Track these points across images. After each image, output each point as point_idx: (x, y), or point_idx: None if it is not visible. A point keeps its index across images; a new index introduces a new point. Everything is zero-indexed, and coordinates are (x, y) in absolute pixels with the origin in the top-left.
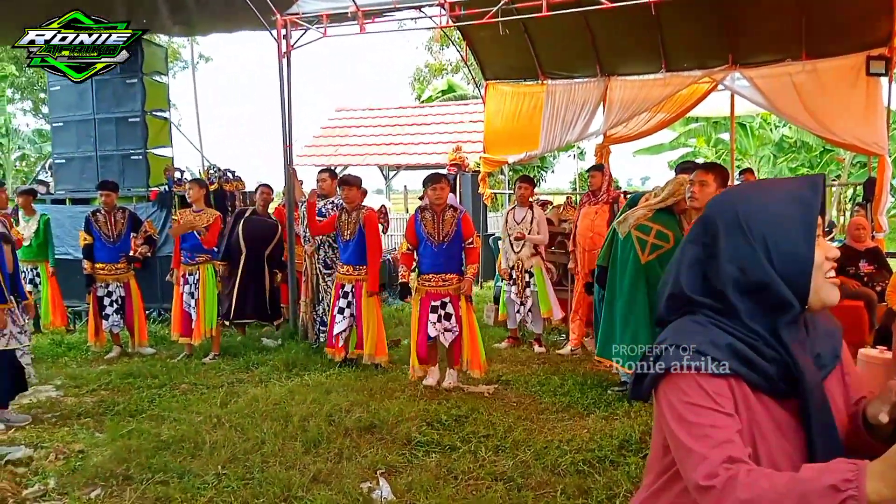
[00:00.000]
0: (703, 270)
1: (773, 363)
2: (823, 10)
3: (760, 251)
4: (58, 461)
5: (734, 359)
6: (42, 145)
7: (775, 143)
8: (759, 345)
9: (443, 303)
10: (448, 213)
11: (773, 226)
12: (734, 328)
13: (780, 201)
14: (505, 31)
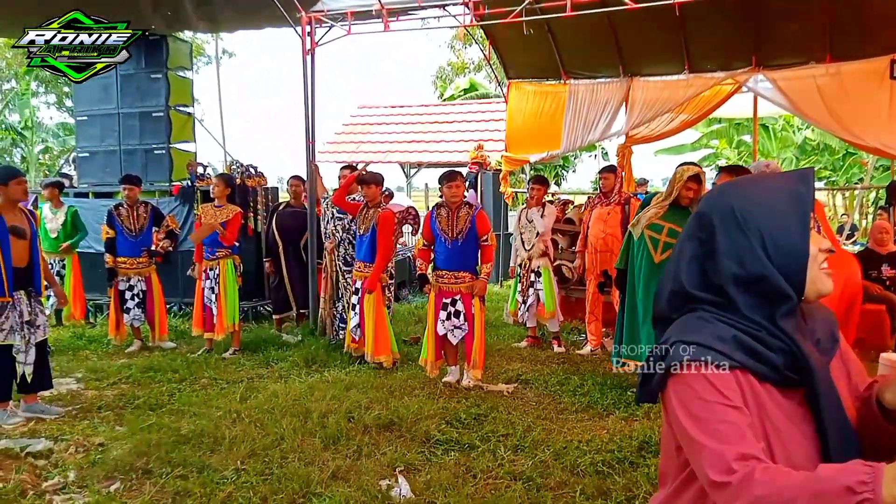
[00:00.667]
0: (701, 266)
1: (780, 353)
2: (848, 13)
3: (757, 245)
4: (78, 454)
5: (740, 351)
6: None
7: (798, 146)
8: (763, 336)
9: (453, 300)
10: (463, 210)
11: (768, 220)
12: (737, 321)
13: (774, 196)
14: (529, 30)
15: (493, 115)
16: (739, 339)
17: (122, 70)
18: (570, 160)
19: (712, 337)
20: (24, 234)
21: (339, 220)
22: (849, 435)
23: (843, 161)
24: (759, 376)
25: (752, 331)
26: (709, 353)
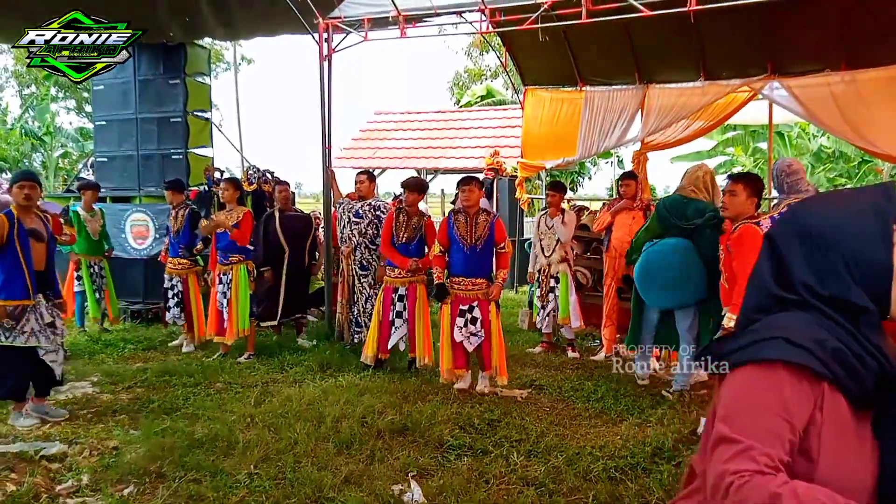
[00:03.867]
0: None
1: (870, 371)
2: (864, 21)
3: (836, 261)
4: (92, 457)
5: (837, 364)
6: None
7: (813, 153)
8: (857, 348)
9: (470, 307)
10: (481, 217)
11: (849, 235)
12: (846, 329)
13: (857, 211)
14: (545, 37)
15: (509, 121)
16: (841, 353)
17: (141, 76)
18: (586, 167)
19: (812, 341)
20: (43, 237)
21: (356, 224)
22: None
23: (858, 169)
24: (848, 395)
25: (849, 342)
26: (805, 356)
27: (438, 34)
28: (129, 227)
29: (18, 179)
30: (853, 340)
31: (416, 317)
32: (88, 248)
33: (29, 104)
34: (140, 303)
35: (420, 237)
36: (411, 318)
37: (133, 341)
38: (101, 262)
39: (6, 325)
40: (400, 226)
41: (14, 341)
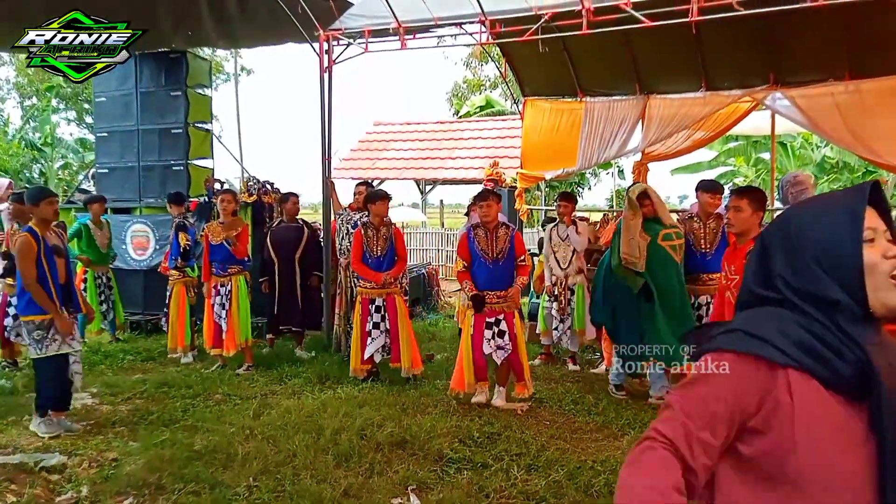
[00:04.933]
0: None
1: (848, 362)
2: (867, 31)
3: (809, 256)
4: (91, 469)
5: (800, 350)
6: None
7: (816, 164)
8: (831, 340)
9: (497, 320)
10: (501, 231)
11: (822, 232)
12: (809, 323)
13: (831, 210)
14: (545, 48)
15: (508, 132)
16: (806, 341)
17: (142, 87)
18: (586, 178)
19: (775, 331)
20: (63, 252)
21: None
22: None
23: (862, 179)
24: (823, 381)
25: (822, 333)
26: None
27: (438, 45)
28: (130, 237)
29: (46, 196)
30: (828, 332)
31: (399, 327)
32: (97, 259)
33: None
34: (139, 314)
35: (391, 247)
36: (393, 329)
37: (132, 352)
38: (108, 273)
39: (37, 336)
40: (371, 240)
41: (46, 351)
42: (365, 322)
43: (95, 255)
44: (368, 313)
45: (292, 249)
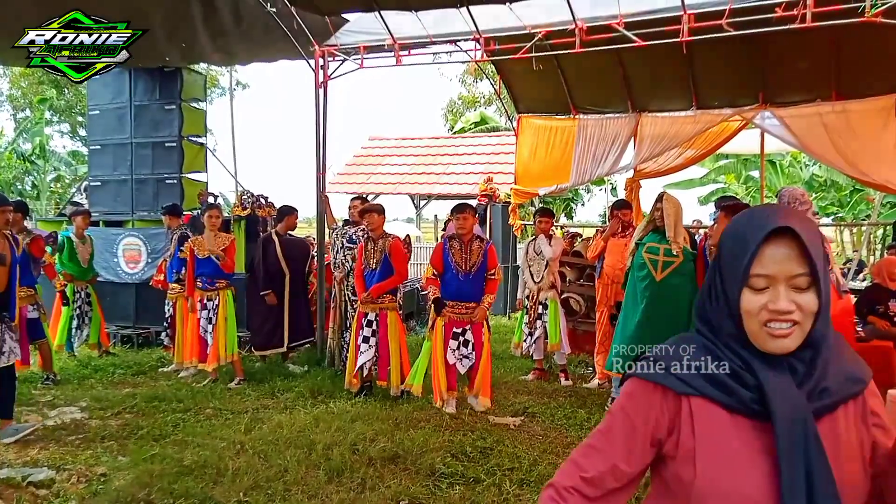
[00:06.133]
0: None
1: (752, 390)
2: (854, 52)
3: (719, 279)
4: (80, 484)
5: (701, 380)
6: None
7: (805, 182)
8: (737, 367)
9: (463, 330)
10: (475, 244)
11: (724, 260)
12: (719, 349)
13: (739, 236)
14: (539, 66)
15: (502, 148)
16: (706, 367)
17: (137, 101)
18: (580, 193)
19: (681, 360)
20: (4, 261)
21: (349, 250)
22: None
23: (850, 197)
24: (725, 407)
25: (726, 359)
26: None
27: (433, 62)
28: (122, 251)
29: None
30: (732, 358)
31: (390, 345)
32: (77, 273)
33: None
34: (130, 327)
35: (385, 259)
36: (383, 346)
37: (123, 366)
38: (87, 289)
39: None
40: (369, 252)
41: None
42: (357, 335)
43: (76, 270)
44: (361, 327)
45: (303, 263)
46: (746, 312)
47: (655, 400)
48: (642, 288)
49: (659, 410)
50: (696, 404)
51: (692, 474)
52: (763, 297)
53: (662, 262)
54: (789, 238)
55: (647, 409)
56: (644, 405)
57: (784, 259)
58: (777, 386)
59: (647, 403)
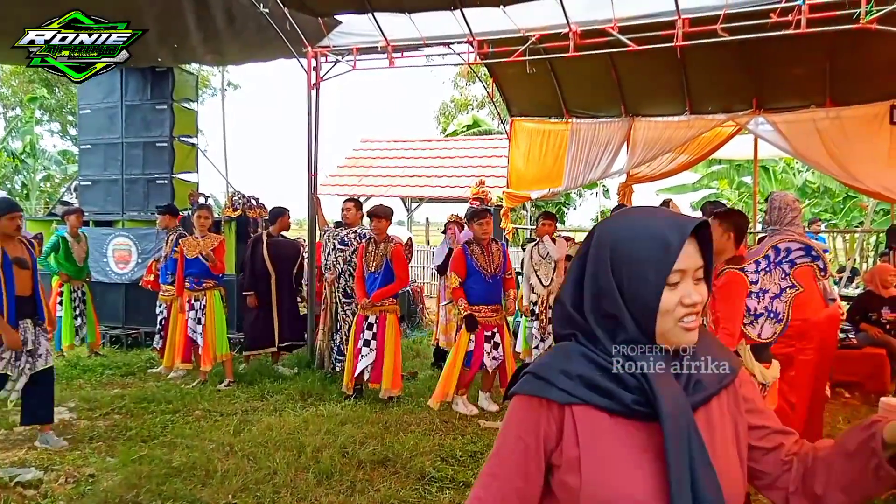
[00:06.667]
0: (579, 290)
1: (634, 390)
2: (848, 59)
3: (616, 284)
4: (67, 485)
5: (585, 388)
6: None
7: (798, 188)
8: (618, 371)
9: (493, 332)
10: (494, 246)
11: (631, 263)
12: (598, 355)
13: (647, 240)
14: (532, 69)
15: (494, 151)
16: (587, 377)
17: (128, 100)
18: (572, 198)
19: (560, 373)
20: (27, 265)
21: (341, 251)
22: (704, 478)
23: (843, 204)
24: (608, 411)
25: (609, 365)
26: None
27: (426, 64)
28: (112, 251)
29: (7, 211)
30: (612, 361)
31: (386, 347)
32: (73, 273)
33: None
34: (120, 328)
35: (387, 264)
36: (380, 348)
37: (112, 367)
38: (83, 288)
39: None
40: (370, 255)
41: None
42: (357, 340)
43: (71, 269)
44: (361, 330)
45: (291, 265)
46: (664, 311)
47: (542, 414)
48: None
49: (546, 424)
50: (578, 412)
51: (578, 482)
52: (676, 294)
53: None
54: (690, 236)
55: (535, 424)
56: (532, 421)
57: (694, 253)
58: (662, 384)
59: (535, 419)
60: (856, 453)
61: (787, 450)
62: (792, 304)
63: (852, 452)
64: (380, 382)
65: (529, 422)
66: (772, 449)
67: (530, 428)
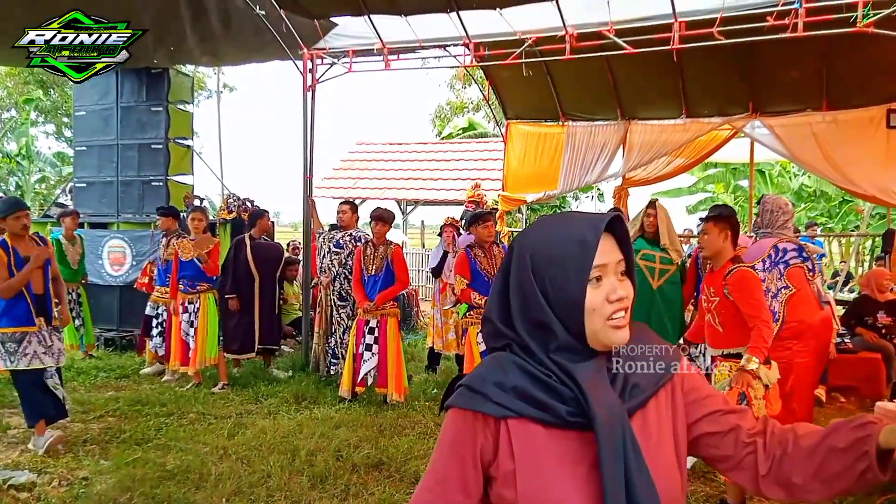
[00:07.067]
0: (505, 301)
1: (568, 401)
2: (845, 63)
3: (539, 290)
4: (61, 488)
5: (520, 401)
6: (62, 168)
7: (794, 192)
8: (552, 382)
9: None
10: (496, 249)
11: (551, 266)
12: (532, 366)
13: (563, 241)
14: (528, 72)
15: (490, 154)
16: (522, 389)
17: (123, 102)
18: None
19: (494, 385)
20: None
21: (336, 254)
22: (640, 485)
23: (839, 208)
24: (543, 423)
25: (543, 377)
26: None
27: (422, 67)
28: (107, 253)
29: (14, 209)
30: (547, 373)
31: (388, 351)
32: (68, 275)
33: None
34: (114, 330)
35: (388, 266)
36: (382, 353)
37: (106, 369)
38: (78, 290)
39: (9, 349)
40: (368, 258)
41: (18, 365)
42: (358, 343)
43: (66, 272)
44: (363, 334)
45: (274, 267)
46: (591, 310)
47: (477, 428)
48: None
49: (482, 437)
50: (513, 426)
51: (514, 496)
52: (601, 291)
53: (659, 269)
54: (606, 232)
55: (471, 438)
56: (468, 435)
57: (611, 248)
58: (597, 393)
59: (471, 433)
60: (845, 451)
61: (748, 429)
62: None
63: (841, 450)
64: (386, 387)
65: (465, 436)
66: (728, 431)
67: (466, 442)
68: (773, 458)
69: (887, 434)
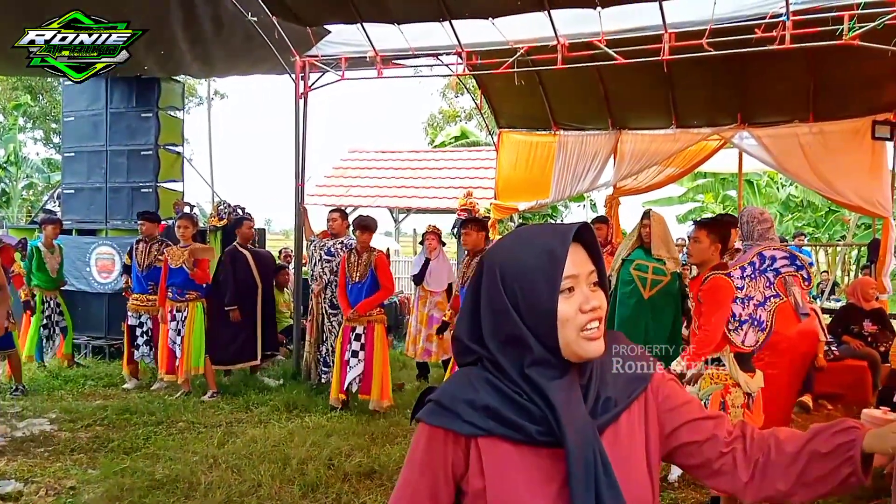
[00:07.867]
0: (475, 319)
1: (539, 422)
2: (831, 75)
3: (510, 304)
4: (48, 497)
5: (490, 420)
6: (50, 175)
7: (782, 202)
8: (523, 402)
9: None
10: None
11: (521, 278)
12: (504, 384)
13: (532, 253)
14: (520, 81)
15: (482, 162)
16: (492, 408)
17: (113, 108)
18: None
19: (462, 401)
20: None
21: (328, 262)
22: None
23: (825, 218)
24: (513, 441)
25: (514, 395)
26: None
27: (415, 75)
28: (94, 260)
29: None
30: (517, 390)
31: (374, 358)
32: (46, 283)
33: None
34: (102, 338)
35: (372, 273)
36: (368, 359)
37: (93, 377)
38: (56, 299)
39: None
40: (352, 266)
41: None
42: (344, 350)
43: (43, 279)
44: (349, 341)
45: (272, 274)
46: (563, 321)
47: (448, 444)
48: (630, 304)
49: (453, 453)
50: (483, 444)
51: None
52: (573, 301)
53: (651, 279)
54: (576, 243)
55: (442, 454)
56: (439, 451)
57: (583, 259)
58: (568, 410)
59: (441, 449)
60: (828, 456)
61: (725, 436)
62: (775, 313)
63: (824, 454)
64: (369, 394)
65: (436, 452)
66: (706, 439)
67: (437, 458)
68: (755, 463)
69: (871, 439)
